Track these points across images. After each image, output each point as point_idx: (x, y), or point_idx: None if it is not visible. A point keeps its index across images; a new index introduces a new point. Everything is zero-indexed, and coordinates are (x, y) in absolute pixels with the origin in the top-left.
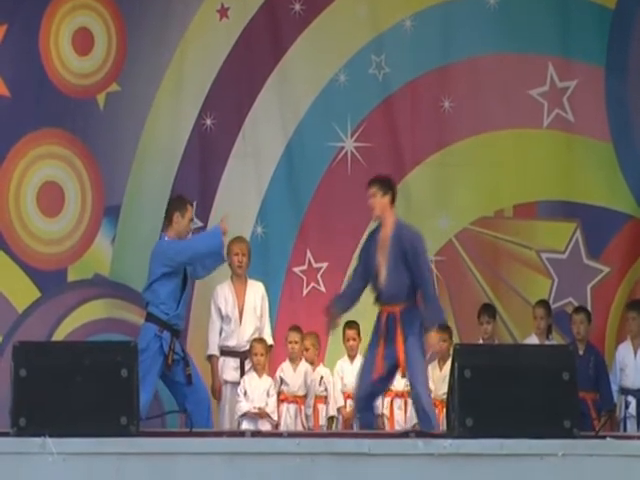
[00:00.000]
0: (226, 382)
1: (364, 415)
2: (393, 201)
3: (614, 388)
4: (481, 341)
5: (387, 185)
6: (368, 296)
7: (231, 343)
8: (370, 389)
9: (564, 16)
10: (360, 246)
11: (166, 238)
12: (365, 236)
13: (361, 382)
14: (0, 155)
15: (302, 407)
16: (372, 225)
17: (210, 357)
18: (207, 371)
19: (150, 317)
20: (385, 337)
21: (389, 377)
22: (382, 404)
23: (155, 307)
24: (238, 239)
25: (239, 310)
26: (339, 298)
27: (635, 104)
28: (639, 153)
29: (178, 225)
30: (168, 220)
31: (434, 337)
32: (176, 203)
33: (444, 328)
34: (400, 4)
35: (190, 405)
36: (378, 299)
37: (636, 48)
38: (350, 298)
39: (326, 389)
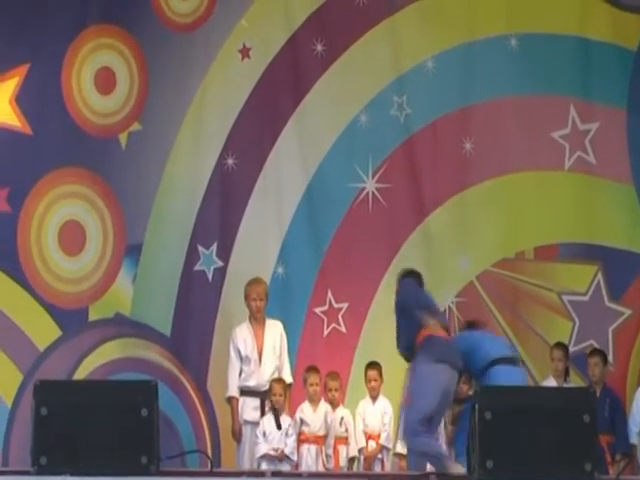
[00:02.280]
0: (246, 422)
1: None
2: None
3: (634, 430)
4: None
5: None
6: (388, 334)
7: (251, 383)
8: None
9: (585, 57)
10: None
11: None
12: None
13: None
14: (22, 193)
15: (323, 447)
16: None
17: (230, 399)
18: (227, 412)
19: None
20: None
21: None
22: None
23: None
24: (256, 282)
25: (258, 351)
26: None
27: None
28: None
29: None
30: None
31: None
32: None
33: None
34: (422, 45)
35: None
36: None
37: None
38: None
39: (347, 430)
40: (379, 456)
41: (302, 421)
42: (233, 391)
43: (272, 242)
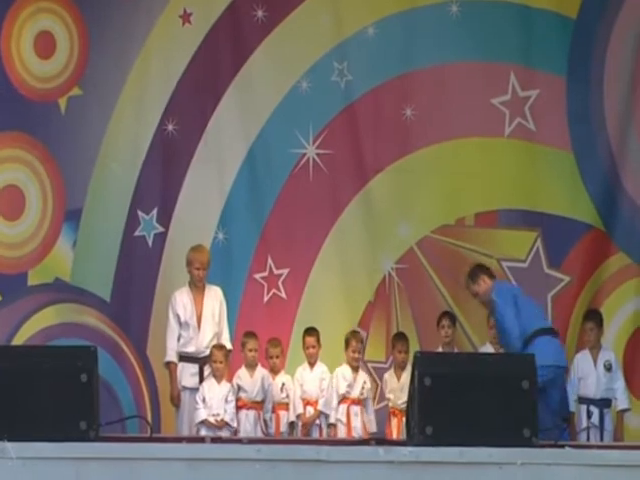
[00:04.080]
0: (185, 388)
1: None
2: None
3: (572, 397)
4: (440, 347)
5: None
6: (328, 300)
7: (190, 349)
8: None
9: (526, 25)
10: None
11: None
12: None
13: None
14: None
15: (260, 413)
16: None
17: (168, 364)
18: (167, 378)
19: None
20: None
21: None
22: (337, 410)
23: None
24: (200, 251)
25: (197, 317)
26: None
27: (596, 114)
28: (600, 163)
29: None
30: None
31: None
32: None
33: (401, 338)
34: (363, 11)
35: None
36: None
37: (597, 58)
38: None
39: (287, 396)
40: (317, 422)
41: (239, 387)
42: (171, 356)
43: (213, 208)
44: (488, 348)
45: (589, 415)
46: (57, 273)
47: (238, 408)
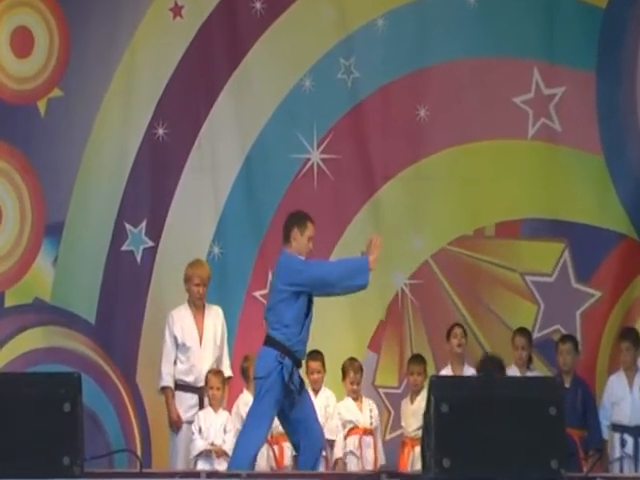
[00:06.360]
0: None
1: None
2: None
3: (604, 423)
4: (449, 363)
5: None
6: (335, 320)
7: (188, 378)
8: None
9: (551, 16)
10: None
11: (287, 252)
12: None
13: None
14: None
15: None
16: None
17: (164, 389)
18: (158, 407)
19: (271, 341)
20: None
21: None
22: (346, 443)
23: (277, 330)
24: (199, 265)
25: (198, 339)
26: None
27: (628, 112)
28: (633, 166)
29: (297, 243)
30: (286, 236)
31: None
32: (294, 219)
33: (418, 360)
34: (371, 2)
35: (303, 443)
36: None
37: (629, 51)
38: None
39: None
40: (323, 452)
41: None
42: (167, 381)
43: (207, 220)
44: (514, 371)
45: (623, 444)
46: (36, 293)
47: None
